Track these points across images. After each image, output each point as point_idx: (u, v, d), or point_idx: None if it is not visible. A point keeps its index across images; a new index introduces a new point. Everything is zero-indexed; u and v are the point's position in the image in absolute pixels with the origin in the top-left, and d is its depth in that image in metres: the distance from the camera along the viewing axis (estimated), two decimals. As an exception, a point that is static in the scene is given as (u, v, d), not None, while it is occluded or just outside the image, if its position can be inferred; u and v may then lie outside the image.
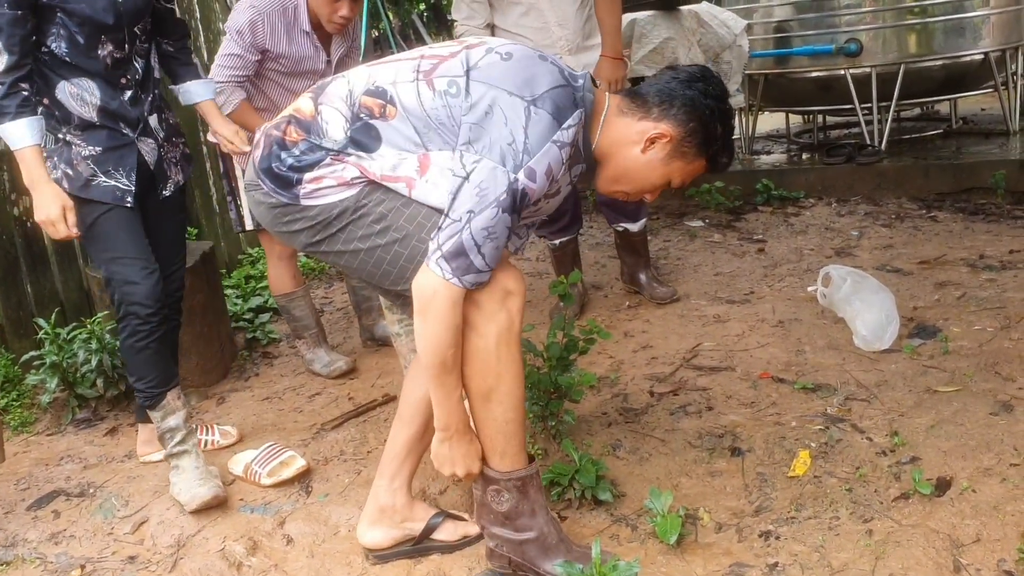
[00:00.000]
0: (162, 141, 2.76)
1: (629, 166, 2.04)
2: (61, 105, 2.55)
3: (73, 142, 2.58)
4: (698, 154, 2.02)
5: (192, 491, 2.61)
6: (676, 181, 2.06)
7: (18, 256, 3.74)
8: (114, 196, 2.61)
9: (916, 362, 3.07)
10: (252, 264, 5.09)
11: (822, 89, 6.00)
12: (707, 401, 2.96)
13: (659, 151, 2.01)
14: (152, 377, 2.69)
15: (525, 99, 1.87)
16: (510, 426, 2.08)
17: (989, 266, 3.97)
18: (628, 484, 2.53)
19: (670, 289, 3.99)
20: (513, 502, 2.13)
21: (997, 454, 2.43)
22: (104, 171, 2.60)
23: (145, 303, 2.61)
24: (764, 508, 2.36)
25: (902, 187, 5.43)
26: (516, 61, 1.94)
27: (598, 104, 2.04)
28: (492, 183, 1.83)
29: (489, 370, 2.01)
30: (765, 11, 6.16)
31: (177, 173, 2.84)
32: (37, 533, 2.65)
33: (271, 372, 3.78)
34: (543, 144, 1.86)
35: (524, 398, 2.11)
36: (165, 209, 2.83)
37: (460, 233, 1.83)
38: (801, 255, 4.49)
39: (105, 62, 2.56)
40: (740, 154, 6.54)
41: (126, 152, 2.64)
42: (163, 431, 2.72)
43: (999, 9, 5.73)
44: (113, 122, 2.61)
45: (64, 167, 2.58)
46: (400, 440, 2.29)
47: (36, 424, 3.44)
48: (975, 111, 7.09)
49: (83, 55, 2.53)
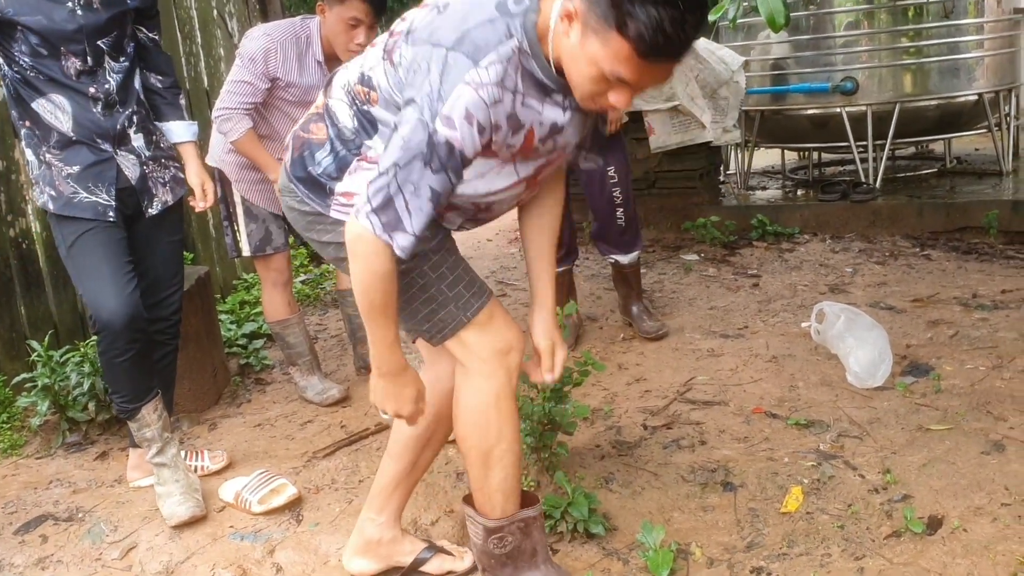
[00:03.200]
0: (147, 159, 2.78)
1: (566, 62, 1.73)
2: (39, 121, 2.61)
3: (53, 163, 2.64)
4: (606, 25, 1.59)
5: (171, 508, 2.66)
6: (607, 69, 1.64)
7: (12, 277, 3.73)
8: (96, 211, 2.65)
9: (909, 400, 3.08)
10: (247, 290, 5.09)
11: (818, 126, 6.05)
12: (700, 435, 2.96)
13: (574, 33, 1.68)
14: (126, 391, 2.73)
15: (445, 46, 1.71)
16: (508, 482, 2.07)
17: (982, 305, 3.98)
18: (620, 518, 2.52)
19: (659, 324, 3.98)
20: (516, 543, 2.12)
21: (988, 493, 2.43)
22: (84, 187, 2.64)
23: (116, 320, 2.62)
24: (756, 544, 2.35)
25: (896, 225, 5.47)
26: (450, 10, 1.79)
27: (544, 20, 1.75)
28: (414, 135, 1.71)
29: (491, 428, 2.01)
30: (762, 48, 6.23)
31: (165, 193, 2.84)
32: (24, 558, 2.63)
33: (263, 399, 3.77)
34: (454, 88, 1.69)
35: (521, 452, 2.10)
36: (157, 230, 2.84)
37: (388, 187, 1.73)
38: (795, 291, 4.50)
39: (69, 73, 2.60)
40: (736, 189, 6.57)
41: (105, 168, 2.67)
42: (139, 441, 2.80)
43: (993, 51, 5.80)
44: (90, 137, 2.64)
45: (48, 190, 2.64)
46: (389, 475, 2.27)
47: (26, 447, 3.42)
48: (969, 151, 7.15)
49: (47, 68, 2.57)
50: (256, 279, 5.07)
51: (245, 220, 3.46)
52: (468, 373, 2.01)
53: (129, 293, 2.65)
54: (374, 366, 1.95)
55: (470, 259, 6.01)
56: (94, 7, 2.61)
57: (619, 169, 3.73)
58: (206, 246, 5.09)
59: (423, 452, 2.25)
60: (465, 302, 1.99)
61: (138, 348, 2.68)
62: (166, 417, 2.82)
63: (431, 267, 1.98)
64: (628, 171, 3.80)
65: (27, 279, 3.81)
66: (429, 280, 1.98)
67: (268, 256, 3.50)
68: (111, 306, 2.62)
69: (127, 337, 2.64)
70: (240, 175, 3.40)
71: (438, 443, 2.28)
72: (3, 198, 3.73)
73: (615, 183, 3.73)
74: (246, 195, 3.43)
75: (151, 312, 2.81)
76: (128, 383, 2.72)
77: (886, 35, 5.74)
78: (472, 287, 2.01)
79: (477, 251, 6.32)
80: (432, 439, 2.24)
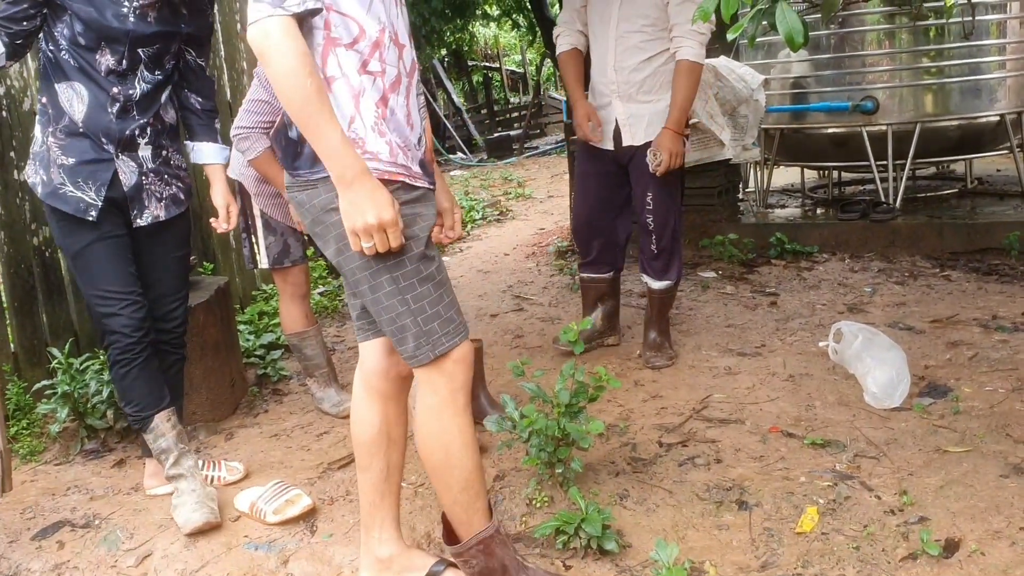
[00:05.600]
0: (147, 171, 2.79)
1: None
2: (56, 102, 2.65)
3: (53, 147, 2.67)
4: None
5: (186, 516, 2.68)
6: None
7: (35, 285, 3.77)
8: (77, 207, 2.67)
9: (926, 421, 3.06)
10: (266, 300, 5.12)
11: (838, 145, 6.04)
12: (716, 453, 2.95)
13: None
14: (136, 401, 2.77)
15: None
16: (465, 495, 2.11)
17: (1002, 327, 3.96)
18: (634, 535, 2.51)
19: (665, 361, 3.84)
20: (481, 564, 2.16)
21: (1007, 517, 2.41)
22: (73, 182, 2.67)
23: (124, 331, 2.67)
24: (770, 564, 2.34)
25: (916, 245, 5.44)
26: None
27: None
28: None
29: (436, 441, 2.07)
30: (783, 67, 6.23)
31: (158, 208, 2.84)
32: (41, 563, 2.65)
33: (280, 409, 3.79)
34: None
35: (478, 467, 2.12)
36: (158, 243, 2.87)
37: None
38: (813, 310, 4.49)
39: (100, 68, 2.63)
40: (755, 207, 6.56)
41: (101, 168, 2.70)
42: (156, 453, 2.82)
43: (1016, 72, 5.78)
44: (96, 134, 2.67)
45: (42, 173, 2.69)
46: (368, 488, 2.27)
47: (44, 453, 3.45)
48: (990, 172, 7.11)
49: (81, 57, 2.61)
50: (275, 290, 5.10)
51: (264, 232, 3.48)
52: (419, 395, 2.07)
53: (135, 302, 2.69)
54: (337, 181, 1.89)
55: (487, 274, 6.03)
56: (148, 19, 2.65)
57: (656, 199, 3.72)
58: (226, 257, 5.12)
59: (389, 452, 2.25)
60: (455, 327, 2.05)
61: (145, 357, 2.72)
62: (180, 428, 2.84)
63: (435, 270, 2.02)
64: (670, 205, 3.75)
65: (49, 287, 3.85)
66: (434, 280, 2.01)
67: (286, 268, 3.52)
68: (121, 316, 2.66)
69: (137, 346, 2.69)
70: (259, 188, 3.43)
71: (400, 439, 2.29)
72: (28, 207, 3.78)
73: (650, 210, 3.74)
74: (264, 208, 3.45)
75: (156, 324, 2.85)
76: (138, 393, 2.76)
77: (907, 55, 5.74)
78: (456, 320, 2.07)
79: (495, 266, 6.34)
80: (391, 435, 2.24)
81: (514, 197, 9.77)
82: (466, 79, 18.09)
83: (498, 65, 19.41)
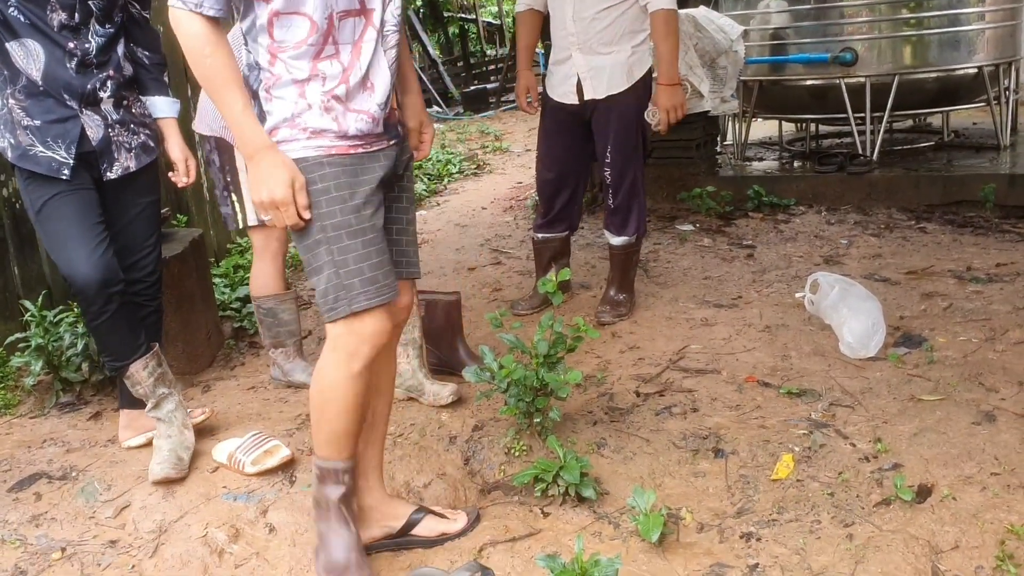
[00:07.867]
0: (113, 122, 2.75)
1: None
2: (9, 63, 2.59)
3: (15, 109, 2.63)
4: None
5: (151, 467, 2.71)
6: None
7: (5, 238, 3.72)
8: (49, 167, 2.64)
9: (901, 370, 3.09)
10: (240, 254, 5.08)
11: (816, 97, 6.02)
12: (692, 403, 2.97)
13: None
14: (111, 351, 2.78)
15: None
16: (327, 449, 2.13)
17: (976, 278, 3.99)
18: (612, 482, 2.54)
19: (613, 318, 3.80)
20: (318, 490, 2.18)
21: (978, 463, 2.45)
22: (42, 141, 2.63)
23: (90, 283, 2.64)
24: (746, 510, 2.37)
25: (892, 198, 5.46)
26: None
27: None
28: None
29: (319, 394, 2.09)
30: (762, 18, 6.18)
31: (128, 159, 2.80)
32: (18, 515, 2.64)
33: (257, 362, 3.77)
34: None
35: (349, 433, 2.11)
36: (127, 192, 2.83)
37: None
38: (790, 262, 4.51)
39: (51, 24, 2.58)
40: (732, 160, 6.56)
41: (69, 125, 2.66)
42: (137, 397, 2.84)
43: (994, 24, 5.77)
44: (57, 91, 2.63)
45: (9, 136, 2.64)
46: None
47: (19, 407, 3.42)
48: (967, 125, 7.13)
49: (31, 13, 2.56)
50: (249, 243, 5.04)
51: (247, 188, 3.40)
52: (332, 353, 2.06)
53: (100, 255, 2.66)
54: (247, 157, 1.96)
55: (464, 228, 6.00)
56: None
57: (614, 152, 3.67)
58: (200, 209, 5.07)
59: (375, 401, 2.25)
60: (378, 289, 2.01)
61: (115, 309, 2.70)
62: (161, 373, 2.82)
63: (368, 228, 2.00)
64: (629, 158, 3.69)
65: (20, 239, 3.79)
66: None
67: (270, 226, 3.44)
68: (83, 270, 2.63)
69: (103, 299, 2.67)
70: None
71: (387, 389, 2.30)
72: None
73: (608, 163, 3.70)
74: None
75: (127, 274, 2.81)
76: (112, 343, 2.76)
77: (886, 6, 5.70)
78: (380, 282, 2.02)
79: (472, 220, 6.31)
80: (377, 384, 2.24)
81: (491, 151, 9.71)
82: (442, 31, 17.85)
83: (474, 17, 19.15)
